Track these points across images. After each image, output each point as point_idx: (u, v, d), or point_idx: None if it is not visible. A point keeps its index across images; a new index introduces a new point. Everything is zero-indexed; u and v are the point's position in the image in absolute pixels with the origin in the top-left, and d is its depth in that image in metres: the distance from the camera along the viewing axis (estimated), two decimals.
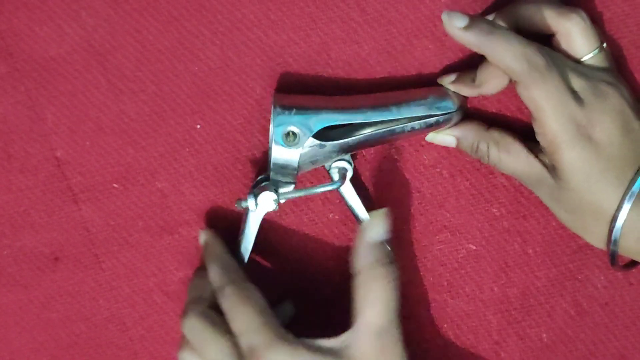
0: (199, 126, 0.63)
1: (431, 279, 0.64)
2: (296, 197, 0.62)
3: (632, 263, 0.60)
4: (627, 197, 0.54)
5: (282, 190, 0.58)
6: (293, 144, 0.57)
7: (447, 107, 0.58)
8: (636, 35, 0.60)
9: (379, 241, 0.56)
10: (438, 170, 0.63)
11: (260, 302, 0.56)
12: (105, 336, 0.66)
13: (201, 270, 0.61)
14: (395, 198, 0.63)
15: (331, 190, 0.60)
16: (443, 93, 0.59)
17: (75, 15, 0.61)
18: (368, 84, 0.62)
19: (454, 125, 0.60)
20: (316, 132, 0.57)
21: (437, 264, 0.64)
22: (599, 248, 0.57)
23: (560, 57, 0.55)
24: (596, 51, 0.56)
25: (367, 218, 0.61)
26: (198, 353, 0.56)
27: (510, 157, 0.58)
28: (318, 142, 0.57)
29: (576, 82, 0.54)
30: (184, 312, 0.58)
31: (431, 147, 0.62)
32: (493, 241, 0.63)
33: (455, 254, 0.64)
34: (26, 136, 0.63)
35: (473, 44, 0.53)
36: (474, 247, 0.64)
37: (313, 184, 0.62)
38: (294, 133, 0.56)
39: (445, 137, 0.60)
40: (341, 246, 0.64)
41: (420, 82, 0.61)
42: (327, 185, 0.59)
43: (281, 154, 0.57)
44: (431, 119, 0.58)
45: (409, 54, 0.61)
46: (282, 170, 0.57)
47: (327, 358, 0.54)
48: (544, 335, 0.64)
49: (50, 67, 0.62)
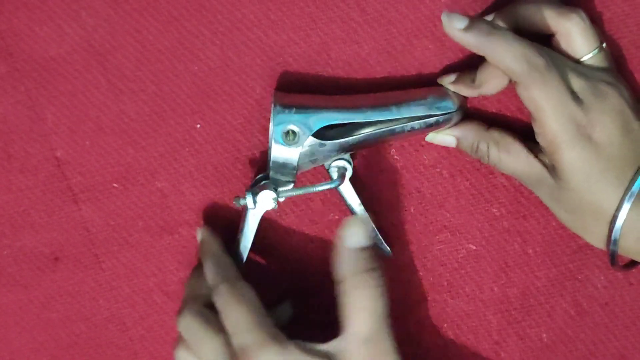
0: (199, 126, 0.63)
1: (431, 279, 0.64)
2: (295, 196, 0.62)
3: (632, 263, 0.60)
4: (627, 197, 0.54)
5: (281, 188, 0.58)
6: (293, 143, 0.57)
7: (447, 107, 0.58)
8: (636, 35, 0.60)
9: (360, 247, 0.54)
10: (438, 170, 0.63)
11: (253, 302, 0.56)
12: (105, 336, 0.66)
13: (198, 268, 0.61)
14: (395, 198, 0.63)
15: (330, 189, 0.60)
16: (443, 93, 0.59)
17: (75, 15, 0.61)
18: (368, 84, 0.62)
19: (454, 125, 0.59)
20: (316, 131, 0.57)
21: (437, 264, 0.64)
22: (599, 248, 0.57)
23: (560, 58, 0.55)
24: (596, 51, 0.56)
25: (365, 218, 0.61)
26: (193, 351, 0.56)
27: (510, 157, 0.58)
28: (318, 141, 0.57)
29: (576, 83, 0.54)
30: (180, 310, 0.58)
31: (431, 147, 0.62)
32: (493, 241, 0.63)
33: (455, 254, 0.64)
34: (26, 136, 0.63)
35: (473, 45, 0.53)
36: (474, 247, 0.64)
37: (314, 183, 0.62)
38: (294, 132, 0.56)
39: (445, 137, 0.60)
40: None
41: (420, 82, 0.61)
42: (326, 184, 0.59)
43: (281, 153, 0.57)
44: (431, 119, 0.58)
45: (409, 54, 0.61)
46: (282, 168, 0.57)
47: None
48: (544, 335, 0.64)
49: (50, 67, 0.62)
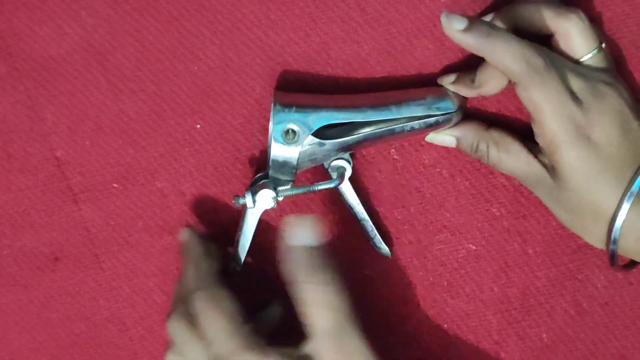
0: (199, 126, 0.63)
1: (431, 279, 0.64)
2: (295, 196, 0.62)
3: (632, 263, 0.60)
4: (627, 197, 0.54)
5: (281, 188, 0.58)
6: (292, 142, 0.57)
7: (447, 108, 0.58)
8: (636, 35, 0.60)
9: (307, 247, 0.54)
10: (438, 170, 0.63)
11: (229, 309, 0.55)
12: (105, 336, 0.66)
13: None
14: (395, 198, 0.63)
15: (329, 188, 0.60)
16: (443, 93, 0.59)
17: (75, 15, 0.61)
18: (368, 84, 0.62)
19: (454, 125, 0.59)
20: (315, 130, 0.57)
21: (437, 264, 0.64)
22: (599, 248, 0.57)
23: (559, 58, 0.55)
24: (595, 51, 0.56)
25: (366, 218, 0.61)
26: (181, 355, 0.57)
27: (509, 157, 0.58)
28: (317, 140, 0.57)
29: (575, 83, 0.54)
30: (169, 313, 0.58)
31: (431, 147, 0.62)
32: (493, 241, 0.63)
33: (455, 254, 0.64)
34: (26, 136, 0.63)
35: (472, 46, 0.53)
36: (474, 247, 0.64)
37: (313, 182, 0.62)
38: (294, 131, 0.56)
39: (445, 137, 0.60)
40: (341, 246, 0.64)
41: (420, 82, 0.61)
42: (326, 183, 0.59)
43: (280, 152, 0.57)
44: (431, 119, 0.58)
45: (409, 54, 0.61)
46: (281, 168, 0.57)
47: None
48: (544, 335, 0.64)
49: (50, 67, 0.62)
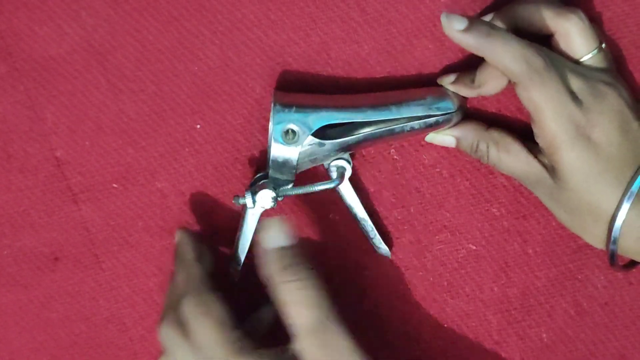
0: (199, 126, 0.63)
1: (431, 279, 0.64)
2: (295, 196, 0.62)
3: (632, 263, 0.60)
4: (627, 197, 0.54)
5: (281, 188, 0.58)
6: (292, 142, 0.57)
7: (447, 108, 0.58)
8: (636, 35, 0.60)
9: (279, 248, 0.54)
10: (438, 170, 0.63)
11: (218, 315, 0.55)
12: (105, 336, 0.66)
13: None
14: (395, 198, 0.63)
15: (329, 188, 0.60)
16: (443, 93, 0.59)
17: (75, 15, 0.61)
18: (368, 84, 0.62)
19: (454, 125, 0.59)
20: (315, 130, 0.57)
21: (437, 264, 0.64)
22: (599, 248, 0.57)
23: (559, 58, 0.55)
24: (595, 51, 0.56)
25: (365, 219, 0.61)
26: None
27: (509, 157, 0.58)
28: (317, 140, 0.57)
29: (575, 83, 0.54)
30: (160, 319, 0.58)
31: (431, 147, 0.62)
32: (493, 241, 0.63)
33: (455, 254, 0.64)
34: (26, 136, 0.63)
35: (472, 46, 0.53)
36: (474, 247, 0.64)
37: (313, 182, 0.62)
38: (293, 131, 0.56)
39: (444, 137, 0.60)
40: (341, 246, 0.64)
41: (420, 82, 0.61)
42: (326, 183, 0.59)
43: (280, 152, 0.57)
44: (431, 119, 0.58)
45: (409, 54, 0.61)
46: (281, 168, 0.57)
47: None
48: (544, 335, 0.64)
49: (50, 67, 0.62)
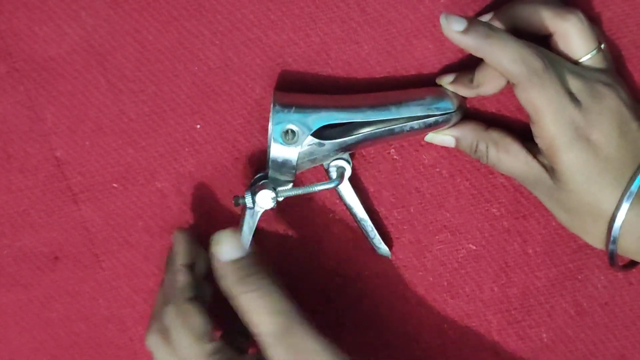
0: (199, 126, 0.63)
1: (431, 279, 0.64)
2: (295, 196, 0.62)
3: (632, 263, 0.60)
4: (626, 197, 0.54)
5: (280, 188, 0.58)
6: (292, 142, 0.57)
7: (446, 108, 0.58)
8: (636, 35, 0.60)
9: (233, 260, 0.55)
10: (438, 170, 0.63)
11: (197, 326, 0.55)
12: (105, 336, 0.66)
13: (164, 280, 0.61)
14: (395, 198, 0.63)
15: (329, 188, 0.60)
16: (442, 93, 0.58)
17: (75, 15, 0.61)
18: (368, 84, 0.62)
19: (453, 125, 0.59)
20: (315, 131, 0.57)
21: (437, 264, 0.64)
22: (598, 248, 0.57)
23: (557, 59, 0.55)
24: (594, 52, 0.56)
25: (365, 219, 0.61)
26: None
27: (509, 158, 0.58)
28: (317, 141, 0.57)
29: (574, 84, 0.54)
30: (147, 327, 0.58)
31: (431, 147, 0.62)
32: (493, 241, 0.63)
33: (455, 254, 0.64)
34: (26, 136, 0.63)
35: (471, 47, 0.53)
36: (474, 247, 0.64)
37: (313, 183, 0.62)
38: (293, 131, 0.56)
39: (444, 138, 0.60)
40: (341, 246, 0.64)
41: (419, 82, 0.61)
42: (325, 183, 0.59)
43: (280, 152, 0.57)
44: (430, 119, 0.58)
45: (409, 54, 0.61)
46: (281, 168, 0.57)
47: None
48: (544, 335, 0.64)
49: (50, 67, 0.62)
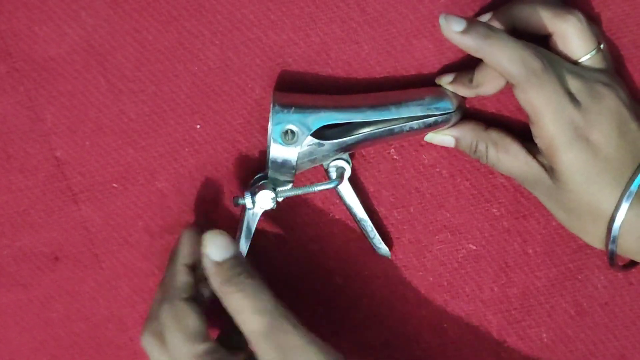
0: (199, 126, 0.63)
1: (431, 279, 0.64)
2: (295, 196, 0.62)
3: (632, 263, 0.60)
4: (625, 197, 0.54)
5: (280, 188, 0.58)
6: (291, 143, 0.57)
7: (446, 108, 0.58)
8: (636, 35, 0.60)
9: (220, 261, 0.55)
10: (438, 170, 0.63)
11: (190, 326, 0.55)
12: (105, 336, 0.66)
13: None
14: (395, 198, 0.63)
15: (329, 189, 0.60)
16: (442, 93, 0.59)
17: (75, 15, 0.61)
18: (367, 84, 0.62)
19: (453, 125, 0.59)
20: (315, 131, 0.57)
21: (437, 264, 0.64)
22: (598, 248, 0.57)
23: (557, 59, 0.55)
24: (593, 52, 0.56)
25: (365, 219, 0.61)
26: None
27: (508, 158, 0.58)
28: (316, 141, 0.57)
29: (573, 84, 0.54)
30: (143, 326, 0.58)
31: (431, 147, 0.62)
32: (493, 241, 0.63)
33: (455, 254, 0.64)
34: (26, 136, 0.63)
35: (470, 48, 0.53)
36: (474, 247, 0.64)
37: (312, 183, 0.62)
38: (293, 131, 0.56)
39: (443, 138, 0.60)
40: (341, 246, 0.64)
41: (419, 82, 0.61)
42: (325, 184, 0.59)
43: (279, 152, 0.57)
44: (430, 119, 0.58)
45: (409, 54, 0.61)
46: (280, 168, 0.57)
47: None
48: (544, 335, 0.64)
49: (49, 67, 0.62)
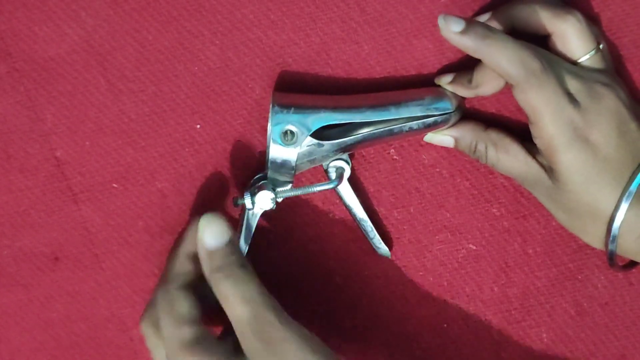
0: (199, 126, 0.63)
1: (431, 279, 0.64)
2: (294, 197, 0.62)
3: (632, 263, 0.60)
4: (625, 197, 0.54)
5: (280, 189, 0.58)
6: (291, 143, 0.57)
7: (445, 108, 0.58)
8: (636, 35, 0.60)
9: (212, 248, 0.55)
10: (438, 170, 0.63)
11: (180, 311, 0.55)
12: (105, 336, 0.66)
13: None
14: (395, 198, 0.63)
15: (328, 189, 0.60)
16: (441, 93, 0.59)
17: (75, 15, 0.61)
18: (367, 84, 0.62)
19: (452, 125, 0.59)
20: (314, 131, 0.57)
21: (437, 264, 0.64)
22: (598, 248, 0.57)
23: (556, 59, 0.55)
24: (592, 52, 0.56)
25: (365, 219, 0.61)
26: (152, 356, 0.58)
27: (508, 158, 0.58)
28: (316, 141, 0.57)
29: (572, 85, 0.54)
30: (142, 313, 0.58)
31: (431, 147, 0.62)
32: (493, 241, 0.63)
33: (455, 254, 0.64)
34: (26, 136, 0.63)
35: (469, 48, 0.53)
36: (474, 247, 0.64)
37: (312, 183, 0.62)
38: (292, 132, 0.56)
39: (443, 138, 0.60)
40: (341, 246, 0.64)
41: (419, 82, 0.61)
42: (325, 184, 0.59)
43: (279, 153, 0.57)
44: (429, 119, 0.58)
45: (409, 54, 0.61)
46: (280, 168, 0.57)
47: None
48: (544, 335, 0.64)
49: (49, 67, 0.62)
